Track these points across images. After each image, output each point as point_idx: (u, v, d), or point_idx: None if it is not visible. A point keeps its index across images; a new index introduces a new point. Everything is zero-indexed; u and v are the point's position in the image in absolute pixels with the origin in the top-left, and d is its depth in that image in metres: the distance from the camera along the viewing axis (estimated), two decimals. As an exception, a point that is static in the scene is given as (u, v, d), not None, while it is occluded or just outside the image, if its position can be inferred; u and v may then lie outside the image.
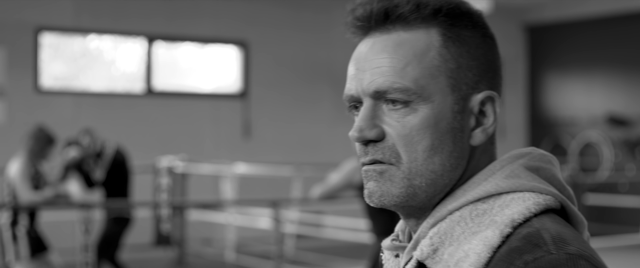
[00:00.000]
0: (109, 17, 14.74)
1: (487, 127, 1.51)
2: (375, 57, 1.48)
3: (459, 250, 1.39)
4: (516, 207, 1.40)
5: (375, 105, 1.47)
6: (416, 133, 1.44)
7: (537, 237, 1.34)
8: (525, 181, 1.45)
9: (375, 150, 1.47)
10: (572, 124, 18.37)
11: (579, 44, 18.26)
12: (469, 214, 1.43)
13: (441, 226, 1.43)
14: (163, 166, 13.04)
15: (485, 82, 1.50)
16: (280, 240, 10.82)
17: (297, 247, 13.74)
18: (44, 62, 14.31)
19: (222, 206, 14.13)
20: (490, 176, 1.47)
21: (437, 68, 1.46)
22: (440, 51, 1.47)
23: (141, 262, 13.36)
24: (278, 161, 15.19)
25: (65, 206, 9.80)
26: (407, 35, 1.48)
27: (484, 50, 1.51)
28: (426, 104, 1.45)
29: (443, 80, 1.46)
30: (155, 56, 15.24)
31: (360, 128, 1.46)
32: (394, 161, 1.46)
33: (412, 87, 1.44)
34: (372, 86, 1.46)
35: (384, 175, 1.46)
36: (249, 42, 16.01)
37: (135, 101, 15.07)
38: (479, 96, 1.49)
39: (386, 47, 1.47)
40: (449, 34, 1.48)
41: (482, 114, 1.51)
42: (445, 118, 1.46)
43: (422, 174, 1.45)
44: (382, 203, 1.47)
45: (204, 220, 14.32)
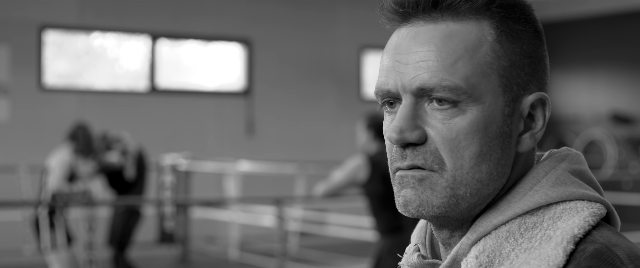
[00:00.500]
0: (112, 15, 14.75)
1: (536, 132, 1.36)
2: (420, 49, 1.32)
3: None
4: (572, 219, 1.28)
5: (417, 103, 1.32)
6: (464, 137, 1.29)
7: (610, 254, 1.22)
8: (573, 189, 1.32)
9: (415, 154, 1.31)
10: (576, 122, 18.35)
11: (583, 41, 18.25)
12: (517, 229, 1.29)
13: (487, 243, 1.30)
14: (167, 164, 13.04)
15: (535, 82, 1.36)
16: (283, 237, 10.82)
17: (300, 245, 13.74)
18: (47, 60, 14.32)
19: (225, 204, 14.14)
20: (535, 184, 1.33)
21: (489, 65, 1.32)
22: (493, 46, 1.32)
23: (145, 260, 13.37)
24: (282, 159, 15.20)
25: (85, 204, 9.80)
26: (456, 26, 1.32)
27: (536, 47, 1.37)
28: (476, 105, 1.30)
29: (495, 79, 1.31)
30: (159, 54, 15.25)
31: (400, 129, 1.30)
32: (437, 167, 1.30)
33: (462, 86, 1.29)
34: (415, 82, 1.31)
35: (423, 183, 1.31)
36: (252, 40, 16.01)
37: (139, 98, 15.08)
38: (529, 97, 1.35)
39: (433, 38, 1.32)
40: (503, 28, 1.34)
41: (531, 117, 1.36)
42: (495, 121, 1.31)
43: (467, 183, 1.30)
44: (419, 213, 1.32)
45: (208, 217, 14.32)
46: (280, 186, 14.61)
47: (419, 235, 1.46)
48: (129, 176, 10.24)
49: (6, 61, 13.86)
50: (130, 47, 15.05)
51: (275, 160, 15.06)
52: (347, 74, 16.84)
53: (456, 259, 1.32)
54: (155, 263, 13.15)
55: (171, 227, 12.77)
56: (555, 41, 18.80)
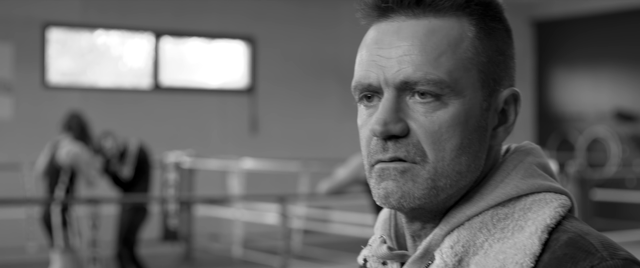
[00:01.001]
0: (116, 12, 14.75)
1: (509, 126, 1.42)
2: (403, 43, 1.34)
3: (487, 260, 1.31)
4: (543, 210, 1.33)
5: (399, 97, 1.34)
6: (446, 130, 1.32)
7: (584, 242, 1.29)
8: (541, 181, 1.38)
9: (398, 147, 1.33)
10: (580, 120, 18.34)
11: (587, 39, 18.23)
12: (490, 220, 1.34)
13: (461, 234, 1.34)
14: (170, 162, 13.05)
15: (508, 78, 1.42)
16: (287, 235, 10.82)
17: (304, 243, 13.74)
18: (51, 58, 14.33)
19: (229, 202, 14.14)
20: (506, 177, 1.38)
21: (470, 60, 1.35)
22: (473, 42, 1.36)
23: (148, 257, 13.37)
24: (285, 157, 15.20)
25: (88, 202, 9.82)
26: (438, 22, 1.35)
27: (508, 45, 1.43)
28: (458, 99, 1.33)
29: (475, 74, 1.36)
30: (163, 52, 15.25)
31: (384, 121, 1.32)
32: (419, 159, 1.32)
33: (446, 80, 1.32)
34: (400, 75, 1.33)
35: (405, 175, 1.33)
36: (256, 38, 16.01)
37: (143, 96, 15.08)
38: (504, 93, 1.40)
39: (417, 33, 1.34)
40: (481, 25, 1.38)
41: (503, 112, 1.41)
42: (474, 115, 1.35)
43: (447, 175, 1.33)
44: (400, 205, 1.34)
45: (211, 215, 14.33)
46: (284, 184, 14.60)
47: (384, 227, 1.48)
48: (126, 175, 10.26)
49: (10, 58, 13.87)
50: (133, 44, 15.06)
51: (279, 158, 15.06)
52: (350, 72, 16.59)
53: (429, 249, 1.36)
54: (159, 261, 13.16)
55: (175, 225, 12.78)
56: (559, 38, 18.79)
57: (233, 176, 13.93)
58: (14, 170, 13.31)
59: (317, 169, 13.58)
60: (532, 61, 19.33)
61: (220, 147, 15.49)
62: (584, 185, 12.49)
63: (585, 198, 12.50)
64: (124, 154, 10.27)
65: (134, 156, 10.28)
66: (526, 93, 19.28)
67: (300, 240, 13.77)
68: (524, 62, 19.25)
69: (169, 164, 13.05)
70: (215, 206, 14.41)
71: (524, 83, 19.26)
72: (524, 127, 19.18)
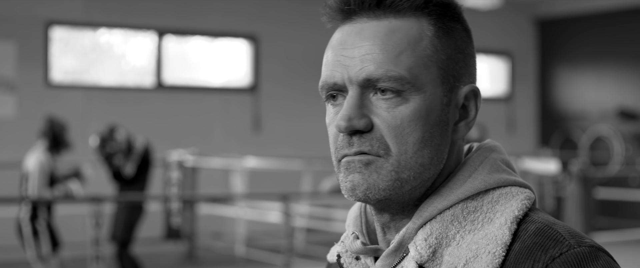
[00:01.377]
0: (119, 11, 14.76)
1: (469, 121, 1.47)
2: (365, 43, 1.41)
3: (460, 250, 1.38)
4: (510, 203, 1.41)
5: (363, 94, 1.40)
6: (408, 124, 1.39)
7: (551, 231, 1.36)
8: (506, 176, 1.45)
9: (362, 141, 1.39)
10: (583, 118, 18.33)
11: (590, 38, 18.22)
12: (461, 212, 1.41)
13: (433, 227, 1.40)
14: (173, 160, 13.05)
15: (468, 75, 1.47)
16: (290, 233, 10.83)
17: (307, 241, 13.75)
18: (54, 57, 14.33)
19: (232, 200, 14.15)
20: (473, 172, 1.45)
21: (429, 58, 1.41)
22: (432, 41, 1.42)
23: (151, 256, 13.38)
24: (288, 155, 15.20)
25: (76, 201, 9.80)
26: (398, 22, 1.41)
27: (467, 44, 1.47)
28: (419, 94, 1.39)
29: (434, 71, 1.41)
30: (166, 50, 15.26)
31: (348, 117, 1.39)
32: (383, 153, 1.39)
33: (406, 76, 1.38)
34: (362, 73, 1.39)
35: (370, 167, 1.39)
36: (259, 36, 16.01)
37: (146, 95, 15.09)
38: (464, 89, 1.45)
39: (378, 33, 1.41)
40: (439, 25, 1.43)
41: (464, 108, 1.47)
42: (435, 109, 1.41)
43: (411, 167, 1.39)
44: (366, 196, 1.40)
45: (214, 213, 14.34)
46: (287, 182, 14.61)
47: (355, 223, 1.53)
48: (128, 172, 10.26)
49: (13, 57, 13.87)
50: (136, 43, 15.06)
51: (282, 156, 15.06)
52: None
53: (402, 243, 1.42)
54: (161, 259, 13.17)
55: (178, 223, 12.79)
56: (562, 37, 18.78)
57: (236, 174, 13.94)
58: (17, 168, 13.31)
59: (319, 167, 13.58)
60: (535, 60, 19.32)
61: (223, 145, 15.50)
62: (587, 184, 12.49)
63: (588, 197, 12.51)
64: (129, 150, 10.27)
65: (139, 155, 10.29)
66: (529, 92, 19.28)
67: (303, 239, 13.78)
68: (527, 61, 19.25)
69: (172, 162, 13.06)
70: (218, 205, 14.42)
71: (527, 81, 19.26)
72: (527, 125, 19.17)
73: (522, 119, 19.09)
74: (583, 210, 12.38)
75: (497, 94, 18.98)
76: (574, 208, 12.39)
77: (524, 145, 18.59)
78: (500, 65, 19.08)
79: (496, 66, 19.03)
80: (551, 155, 15.89)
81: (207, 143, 15.23)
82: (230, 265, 12.93)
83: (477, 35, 1.38)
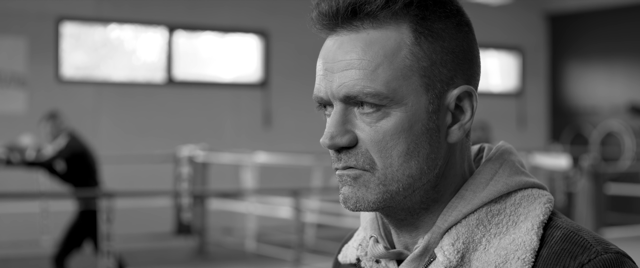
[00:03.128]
0: (129, 6, 14.77)
1: (464, 123, 1.43)
2: (343, 58, 1.39)
3: (488, 255, 1.39)
4: (533, 206, 1.42)
5: (346, 109, 1.40)
6: (390, 138, 1.37)
7: (579, 238, 1.37)
8: (526, 178, 1.46)
9: (348, 157, 1.40)
10: (594, 114, 18.29)
11: (601, 33, 18.17)
12: (485, 216, 1.41)
13: (460, 231, 1.40)
14: (184, 156, 13.07)
15: (460, 75, 1.42)
16: (300, 229, 10.83)
17: (317, 236, 13.75)
18: (65, 52, 14.35)
19: (242, 196, 14.16)
20: (494, 175, 1.44)
21: (409, 68, 1.38)
22: (412, 49, 1.38)
23: (162, 251, 13.41)
24: (298, 151, 15.20)
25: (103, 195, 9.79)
26: (376, 33, 1.38)
27: (459, 41, 1.42)
28: (399, 107, 1.37)
29: (416, 80, 1.38)
30: (176, 46, 15.26)
31: (331, 135, 1.40)
32: (368, 167, 1.39)
33: (383, 91, 1.36)
34: (341, 90, 1.39)
35: (358, 181, 1.40)
36: (269, 31, 16.01)
37: (156, 90, 15.10)
38: (454, 91, 1.41)
39: (355, 47, 1.39)
40: (421, 30, 1.39)
41: (459, 109, 1.43)
42: (420, 119, 1.38)
43: (398, 179, 1.38)
44: (357, 208, 1.41)
45: (225, 209, 14.35)
46: (297, 178, 14.62)
47: (373, 226, 1.53)
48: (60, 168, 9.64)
49: (24, 52, 13.90)
50: (147, 39, 15.07)
51: (292, 152, 15.07)
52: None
53: (428, 247, 1.42)
54: (172, 255, 13.19)
55: (188, 218, 12.80)
56: (574, 32, 18.74)
57: (246, 170, 13.94)
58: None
59: (330, 163, 13.52)
60: (546, 55, 19.28)
61: (234, 141, 15.51)
62: (598, 179, 12.46)
63: (599, 192, 12.48)
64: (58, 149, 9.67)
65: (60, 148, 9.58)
66: (540, 87, 19.24)
67: (313, 234, 13.78)
68: (538, 56, 19.20)
69: (182, 158, 13.07)
70: (229, 200, 14.43)
71: (538, 77, 19.22)
72: (538, 121, 19.14)
73: (533, 115, 19.05)
74: (594, 206, 12.35)
75: (507, 90, 18.95)
76: (585, 204, 12.36)
77: (534, 141, 18.55)
78: (511, 60, 19.04)
79: (507, 61, 19.00)
80: (562, 151, 15.86)
81: (218, 139, 15.24)
82: (241, 260, 12.95)
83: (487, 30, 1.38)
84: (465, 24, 1.44)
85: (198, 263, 12.63)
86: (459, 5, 1.44)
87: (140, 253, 13.17)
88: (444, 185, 1.43)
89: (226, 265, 12.65)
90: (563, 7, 18.79)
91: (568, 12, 18.76)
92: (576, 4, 18.45)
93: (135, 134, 14.64)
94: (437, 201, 1.44)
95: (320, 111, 1.47)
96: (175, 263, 12.78)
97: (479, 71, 1.47)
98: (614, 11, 17.81)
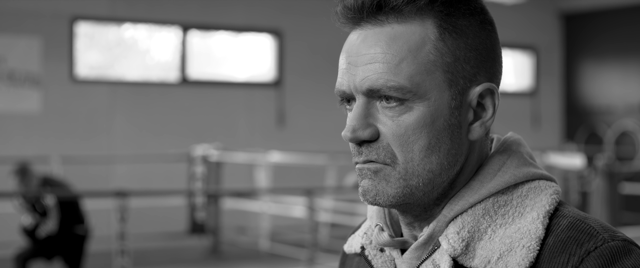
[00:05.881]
0: (143, 6, 14.80)
1: (486, 120, 1.43)
2: (368, 51, 1.40)
3: (493, 244, 1.38)
4: (539, 197, 1.42)
5: (369, 102, 1.41)
6: (412, 132, 1.38)
7: (585, 226, 1.37)
8: (534, 170, 1.46)
9: (369, 150, 1.40)
10: (608, 113, 18.24)
11: (616, 32, 18.12)
12: (492, 206, 1.41)
13: (465, 220, 1.40)
14: (198, 155, 13.09)
15: (483, 73, 1.42)
16: (314, 228, 10.84)
17: (331, 236, 13.75)
18: (79, 52, 14.39)
19: (256, 195, 14.17)
20: (502, 166, 1.44)
21: (433, 63, 1.38)
22: (436, 45, 1.39)
23: (176, 250, 13.43)
24: (312, 150, 15.20)
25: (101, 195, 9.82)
26: (401, 28, 1.39)
27: (482, 38, 1.42)
28: (422, 102, 1.38)
29: (440, 75, 1.39)
30: (190, 45, 15.29)
31: (353, 128, 1.40)
32: (389, 161, 1.39)
33: (407, 85, 1.37)
34: (365, 83, 1.40)
35: (379, 174, 1.40)
36: (283, 31, 16.01)
37: (170, 89, 15.13)
38: (477, 88, 1.41)
39: (379, 41, 1.40)
40: (445, 25, 1.40)
41: (481, 106, 1.43)
42: (442, 115, 1.39)
43: (419, 174, 1.39)
44: (376, 202, 1.41)
45: (239, 208, 14.37)
46: (311, 177, 14.62)
47: (379, 215, 1.53)
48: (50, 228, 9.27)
49: (38, 52, 13.94)
50: (161, 38, 15.10)
51: (306, 151, 15.07)
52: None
53: (433, 236, 1.43)
54: (186, 254, 13.21)
55: (202, 218, 12.83)
56: (588, 31, 18.69)
57: (260, 169, 13.95)
58: (43, 163, 13.39)
59: (344, 162, 13.58)
60: (561, 54, 19.23)
61: (248, 140, 15.52)
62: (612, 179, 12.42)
63: (614, 192, 12.44)
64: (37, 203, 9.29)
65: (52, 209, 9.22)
66: (554, 86, 19.19)
67: (327, 233, 13.78)
68: (552, 55, 19.16)
69: (196, 157, 13.09)
70: (243, 199, 14.44)
71: (552, 76, 19.18)
72: (552, 120, 19.09)
73: (547, 114, 19.01)
74: (608, 205, 12.31)
75: (522, 89, 18.92)
76: (599, 203, 12.33)
77: (549, 140, 18.51)
78: (525, 59, 19.01)
79: (521, 61, 18.96)
80: (576, 150, 15.82)
81: (232, 138, 15.25)
82: (255, 259, 12.96)
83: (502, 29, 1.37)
84: (488, 22, 1.44)
85: (212, 263, 12.65)
86: (482, 3, 1.44)
87: (154, 253, 13.20)
88: (459, 181, 1.44)
89: (240, 264, 12.67)
90: (577, 7, 18.74)
91: (582, 12, 18.71)
92: (590, 3, 18.41)
93: (149, 134, 14.67)
94: (449, 195, 1.44)
95: (342, 106, 1.48)
96: (189, 262, 12.80)
97: (501, 70, 1.47)
98: (628, 10, 17.76)
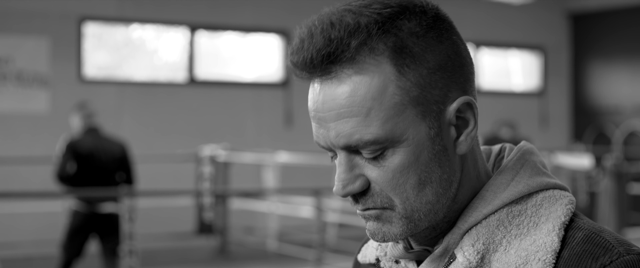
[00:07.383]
0: (151, 6, 14.81)
1: (470, 131, 1.39)
2: (332, 108, 1.34)
3: (509, 256, 1.37)
4: (554, 207, 1.41)
5: (350, 155, 1.36)
6: (400, 174, 1.34)
7: (601, 239, 1.36)
8: (547, 179, 1.44)
9: (365, 200, 1.38)
10: (617, 113, 18.20)
11: (624, 32, 18.09)
12: (506, 217, 1.40)
13: (480, 232, 1.39)
14: (205, 155, 13.10)
15: (454, 87, 1.37)
16: (322, 228, 10.83)
17: (339, 236, 13.75)
18: (87, 52, 14.40)
19: (264, 195, 14.17)
20: (515, 176, 1.43)
21: (400, 104, 1.33)
22: (397, 84, 1.32)
23: (183, 251, 13.44)
24: (320, 150, 15.14)
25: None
26: (358, 77, 1.32)
27: (443, 53, 1.36)
28: (401, 143, 1.33)
29: (410, 112, 1.33)
30: (198, 45, 15.30)
31: (343, 185, 1.36)
32: (388, 205, 1.37)
33: (381, 135, 1.32)
34: (340, 140, 1.35)
35: (381, 218, 1.39)
36: (290, 31, 16.01)
37: (178, 90, 15.14)
38: (453, 106, 1.36)
39: (342, 95, 1.32)
40: (402, 60, 1.32)
41: (461, 120, 1.39)
42: (425, 147, 1.35)
43: (418, 209, 1.37)
44: (385, 241, 1.41)
45: (246, 208, 14.37)
46: (319, 177, 14.60)
47: None
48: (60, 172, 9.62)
49: (46, 52, 13.96)
50: (169, 38, 15.11)
51: (314, 151, 15.06)
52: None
53: (448, 248, 1.42)
54: (193, 254, 13.22)
55: (210, 218, 12.83)
56: (596, 31, 18.66)
57: (268, 169, 13.95)
58: (50, 163, 13.41)
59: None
60: (569, 54, 19.20)
61: (255, 140, 15.53)
62: (620, 179, 12.40)
63: (622, 192, 12.41)
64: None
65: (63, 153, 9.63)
66: (562, 86, 19.16)
67: (335, 234, 13.78)
68: (560, 56, 19.13)
69: (204, 157, 13.10)
70: (250, 200, 14.44)
71: (560, 76, 19.14)
72: (560, 121, 19.06)
73: (555, 114, 18.98)
74: (616, 206, 12.29)
75: (529, 89, 18.90)
76: (608, 204, 12.30)
77: (556, 140, 18.49)
78: (533, 60, 18.98)
79: (529, 61, 18.94)
80: (584, 150, 15.79)
81: (239, 138, 15.26)
82: (262, 259, 12.96)
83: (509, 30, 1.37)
84: (445, 30, 1.37)
85: (220, 263, 12.66)
86: (435, 10, 1.37)
87: (162, 253, 13.21)
88: (462, 193, 1.42)
89: (248, 264, 12.67)
90: (585, 7, 18.71)
91: (590, 11, 18.68)
92: (598, 3, 18.37)
93: (157, 134, 14.68)
94: (454, 209, 1.42)
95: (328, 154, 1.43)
96: (196, 262, 12.81)
97: (472, 70, 1.41)
98: (637, 10, 17.72)
